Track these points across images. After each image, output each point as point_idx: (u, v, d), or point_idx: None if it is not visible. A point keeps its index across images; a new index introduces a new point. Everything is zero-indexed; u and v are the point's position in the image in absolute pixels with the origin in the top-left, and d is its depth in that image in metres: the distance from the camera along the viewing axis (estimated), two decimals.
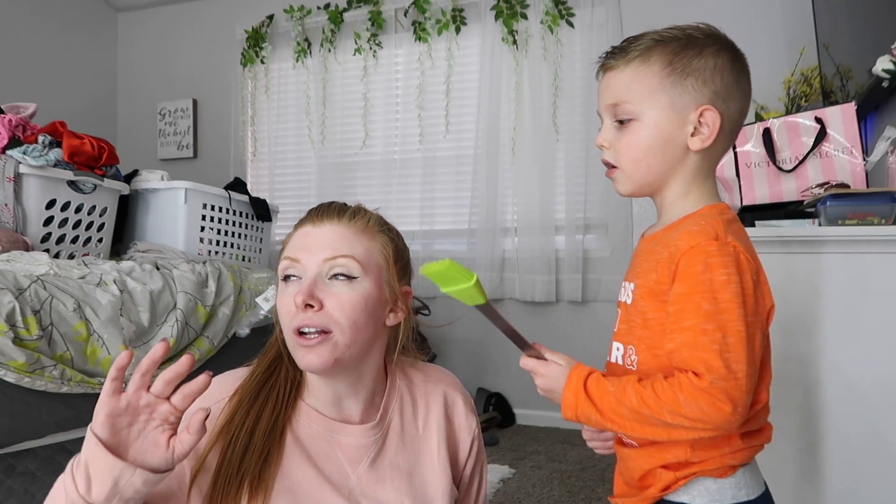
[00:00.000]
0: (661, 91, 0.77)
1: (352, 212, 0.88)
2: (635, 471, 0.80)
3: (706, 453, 0.75)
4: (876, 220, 1.15)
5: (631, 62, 0.79)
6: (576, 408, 0.75)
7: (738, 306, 0.69)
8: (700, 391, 0.67)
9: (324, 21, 3.26)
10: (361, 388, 0.90)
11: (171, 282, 1.85)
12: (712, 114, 0.77)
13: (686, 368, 0.69)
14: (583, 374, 0.77)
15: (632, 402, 0.71)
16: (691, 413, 0.67)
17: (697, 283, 0.70)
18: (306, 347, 0.81)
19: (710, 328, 0.69)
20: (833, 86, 1.88)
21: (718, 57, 0.78)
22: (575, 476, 2.23)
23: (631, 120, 0.79)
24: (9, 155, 1.86)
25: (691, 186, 0.80)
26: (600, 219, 2.89)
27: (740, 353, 0.68)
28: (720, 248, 0.71)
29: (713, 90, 0.77)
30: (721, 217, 0.76)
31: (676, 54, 0.77)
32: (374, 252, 0.86)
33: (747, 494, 0.75)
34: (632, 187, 0.82)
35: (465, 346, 3.05)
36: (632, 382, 0.72)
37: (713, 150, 0.79)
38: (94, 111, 3.64)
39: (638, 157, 0.79)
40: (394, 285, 0.88)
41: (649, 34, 0.80)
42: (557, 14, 2.86)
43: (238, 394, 0.87)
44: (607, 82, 0.82)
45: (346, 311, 0.81)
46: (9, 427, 1.41)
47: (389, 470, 0.90)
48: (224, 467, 0.81)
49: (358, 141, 3.22)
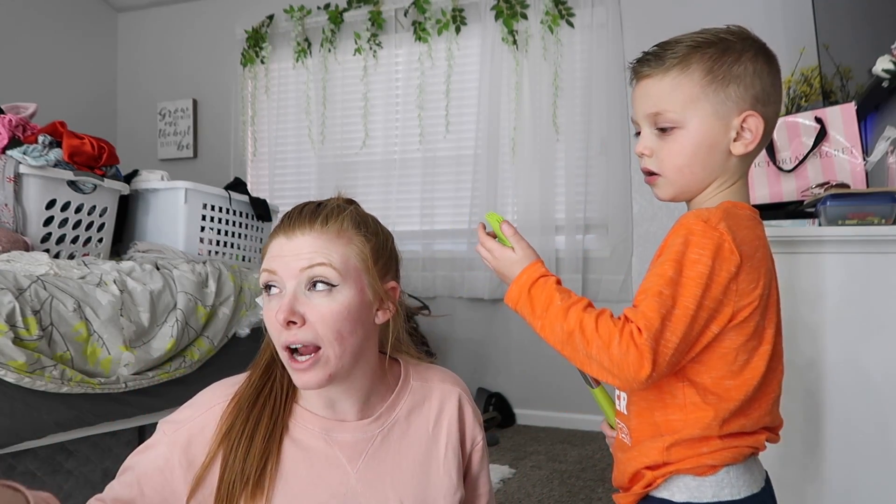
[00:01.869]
0: (703, 99, 0.78)
1: (324, 217, 0.84)
2: (626, 472, 0.83)
3: (682, 453, 0.77)
4: (876, 220, 1.15)
5: (669, 70, 0.79)
6: (516, 303, 0.81)
7: (698, 286, 0.71)
8: (635, 345, 0.70)
9: (324, 21, 3.26)
10: (355, 390, 0.89)
11: (171, 282, 1.85)
12: (755, 119, 0.78)
13: (633, 319, 0.71)
14: (534, 275, 0.80)
15: (570, 325, 0.74)
16: (616, 357, 0.70)
17: (672, 253, 0.73)
18: (300, 371, 0.81)
19: (666, 293, 0.71)
20: (833, 86, 1.88)
21: (756, 62, 0.79)
22: (575, 476, 2.23)
23: (674, 128, 0.80)
24: (9, 155, 1.86)
25: (723, 188, 0.82)
26: (600, 219, 2.89)
27: (679, 326, 0.71)
28: (704, 230, 0.73)
29: (754, 95, 0.78)
30: (723, 208, 0.77)
31: (716, 61, 0.78)
32: (351, 256, 0.84)
33: (731, 494, 0.76)
34: (674, 192, 0.84)
35: (465, 346, 3.05)
36: (579, 308, 0.75)
37: (753, 152, 0.81)
38: (94, 111, 3.64)
39: (682, 165, 0.81)
40: (376, 286, 0.86)
41: (683, 40, 0.80)
42: (557, 14, 2.86)
43: (237, 401, 0.87)
44: (645, 90, 0.82)
45: (330, 324, 0.81)
46: (9, 427, 1.41)
47: (391, 466, 0.90)
48: (227, 474, 0.82)
49: (358, 141, 3.22)
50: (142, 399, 1.68)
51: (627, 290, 2.81)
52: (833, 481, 1.16)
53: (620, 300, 2.81)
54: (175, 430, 0.85)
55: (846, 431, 1.15)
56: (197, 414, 0.87)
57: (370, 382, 0.91)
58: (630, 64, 0.84)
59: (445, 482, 0.93)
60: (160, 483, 0.83)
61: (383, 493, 0.88)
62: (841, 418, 1.15)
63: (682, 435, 0.76)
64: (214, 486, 0.83)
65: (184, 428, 0.85)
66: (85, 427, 1.58)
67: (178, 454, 0.83)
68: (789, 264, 1.19)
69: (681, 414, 0.77)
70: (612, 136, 2.81)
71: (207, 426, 0.85)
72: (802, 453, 1.18)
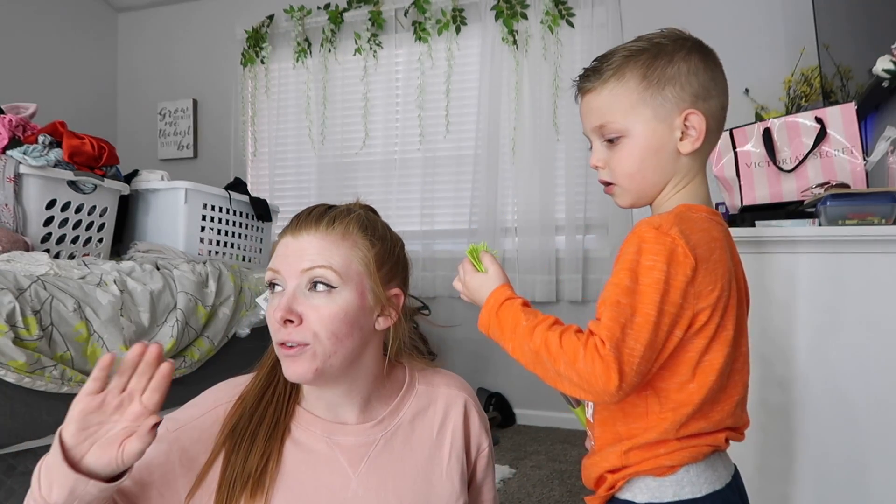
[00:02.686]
0: (642, 105, 0.80)
1: (331, 218, 0.85)
2: (591, 477, 0.84)
3: (639, 456, 0.78)
4: (876, 220, 1.15)
5: (607, 82, 0.81)
6: (487, 327, 0.82)
7: (655, 292, 0.71)
8: (599, 357, 0.69)
9: (324, 21, 3.26)
10: (356, 395, 0.89)
11: (172, 282, 1.85)
12: (697, 117, 0.79)
13: (596, 332, 0.72)
14: (500, 298, 0.81)
15: (536, 344, 0.74)
16: (584, 371, 0.70)
17: (626, 262, 0.74)
18: (288, 358, 0.82)
19: (624, 302, 0.72)
20: (833, 86, 1.88)
21: (690, 60, 0.80)
22: (575, 476, 2.23)
23: (620, 137, 0.82)
24: (9, 155, 1.86)
25: (679, 187, 0.83)
26: (600, 219, 2.89)
27: (642, 334, 0.71)
28: (656, 236, 0.74)
29: (692, 93, 0.80)
30: (675, 213, 0.78)
31: (649, 66, 0.80)
32: (354, 260, 0.84)
33: (692, 492, 0.77)
34: (631, 199, 0.85)
35: (465, 346, 3.05)
36: (544, 327, 0.75)
37: (703, 149, 0.82)
38: (94, 111, 3.64)
39: (633, 171, 0.82)
40: (377, 291, 0.86)
41: (618, 50, 0.82)
42: (557, 14, 2.86)
43: (242, 399, 0.88)
44: (588, 105, 0.84)
45: (326, 323, 0.81)
46: (9, 427, 1.41)
47: (393, 471, 0.90)
48: (228, 472, 0.82)
49: (358, 141, 3.22)
50: None
51: None
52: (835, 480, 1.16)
53: None
54: (177, 427, 0.85)
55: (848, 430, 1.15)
56: (200, 413, 0.87)
57: (370, 387, 0.91)
58: (574, 81, 0.87)
59: (448, 488, 0.92)
60: (159, 478, 0.83)
61: (384, 497, 0.88)
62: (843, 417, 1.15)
63: (640, 440, 0.77)
64: (214, 486, 0.83)
65: (187, 426, 0.85)
66: None
67: (179, 452, 0.83)
68: (789, 264, 1.19)
69: (643, 423, 0.78)
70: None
71: (210, 426, 0.85)
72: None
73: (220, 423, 0.86)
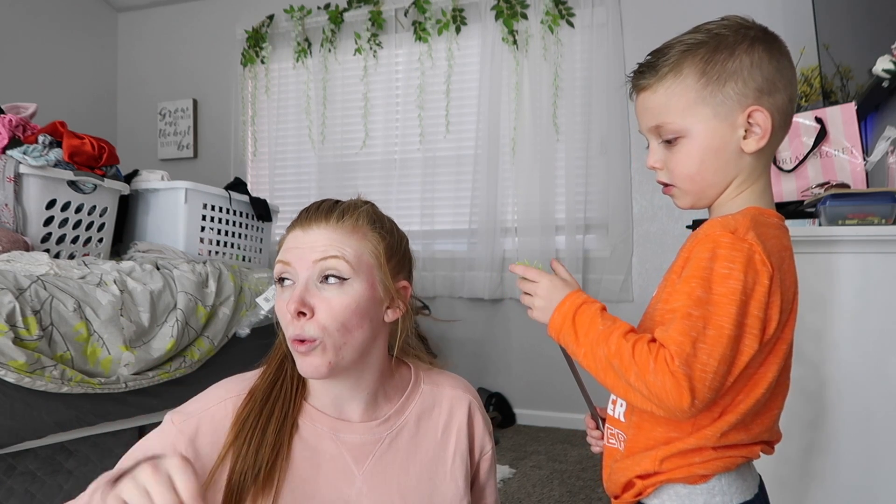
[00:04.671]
0: (701, 103, 0.75)
1: (340, 211, 0.86)
2: (618, 481, 0.81)
3: (674, 463, 0.75)
4: (876, 220, 1.15)
5: (663, 80, 0.76)
6: (559, 331, 0.77)
7: (732, 303, 0.67)
8: (669, 372, 0.66)
9: (324, 21, 3.26)
10: (362, 389, 0.90)
11: (172, 282, 1.85)
12: (761, 114, 0.74)
13: (665, 345, 0.68)
14: (577, 301, 0.77)
15: (610, 350, 0.70)
16: (654, 385, 0.66)
17: (699, 269, 0.69)
18: (302, 355, 0.82)
19: (696, 314, 0.67)
20: (833, 86, 1.88)
21: (753, 52, 0.74)
22: (575, 476, 2.23)
23: (678, 138, 0.77)
24: (9, 155, 1.86)
25: (743, 187, 0.78)
26: (600, 219, 2.89)
27: (716, 348, 0.66)
28: (733, 242, 0.69)
29: (756, 88, 0.74)
30: (750, 216, 0.73)
31: (708, 61, 0.74)
32: (365, 252, 0.85)
33: (723, 502, 0.75)
34: (691, 201, 0.81)
35: (465, 346, 3.05)
36: (619, 333, 0.71)
37: (768, 147, 0.77)
38: (94, 111, 3.64)
39: (692, 173, 0.78)
40: (387, 283, 0.87)
41: (675, 44, 0.77)
42: (557, 14, 2.86)
43: (252, 393, 0.88)
44: (643, 104, 0.80)
45: (337, 315, 0.81)
46: (9, 427, 1.41)
47: (397, 470, 0.90)
48: (238, 465, 0.82)
49: (358, 141, 3.22)
50: (142, 399, 1.69)
51: (627, 290, 2.82)
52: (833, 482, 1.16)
53: (620, 300, 2.81)
54: (183, 420, 0.84)
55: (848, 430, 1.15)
56: (207, 406, 0.87)
57: (377, 382, 0.91)
58: (628, 77, 0.82)
59: (452, 489, 0.92)
60: None
61: (389, 496, 0.88)
62: (844, 417, 1.15)
63: (678, 447, 0.74)
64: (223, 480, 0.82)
65: (193, 419, 0.85)
66: (85, 427, 1.58)
67: (185, 444, 0.83)
68: None
69: (683, 430, 0.74)
70: (611, 136, 2.81)
71: (217, 420, 0.85)
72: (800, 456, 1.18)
73: (229, 417, 0.85)
